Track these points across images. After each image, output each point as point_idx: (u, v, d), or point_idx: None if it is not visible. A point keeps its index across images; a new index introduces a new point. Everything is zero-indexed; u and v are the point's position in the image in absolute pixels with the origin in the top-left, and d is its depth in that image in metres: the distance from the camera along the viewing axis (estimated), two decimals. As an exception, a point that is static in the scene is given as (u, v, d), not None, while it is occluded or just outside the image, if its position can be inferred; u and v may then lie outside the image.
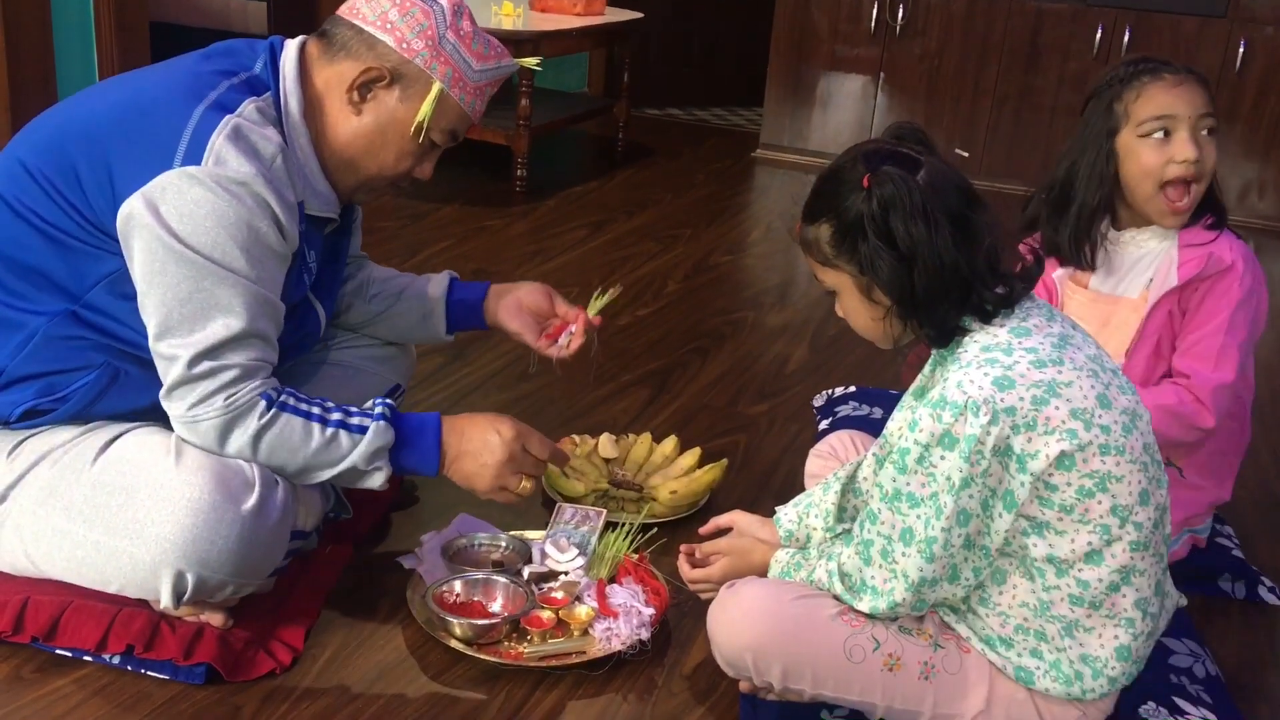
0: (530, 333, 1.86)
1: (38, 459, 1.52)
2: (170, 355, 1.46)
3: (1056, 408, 1.29)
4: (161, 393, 1.49)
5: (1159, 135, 1.80)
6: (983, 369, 1.30)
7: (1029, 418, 1.28)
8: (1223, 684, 1.65)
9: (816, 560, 1.49)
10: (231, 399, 1.48)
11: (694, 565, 1.65)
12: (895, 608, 1.39)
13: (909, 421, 1.34)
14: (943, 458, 1.30)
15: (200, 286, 1.44)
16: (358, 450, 1.53)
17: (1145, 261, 1.88)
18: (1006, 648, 1.41)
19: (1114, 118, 1.83)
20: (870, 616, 1.42)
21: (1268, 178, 4.44)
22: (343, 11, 1.60)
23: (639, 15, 4.72)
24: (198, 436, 1.49)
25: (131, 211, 1.43)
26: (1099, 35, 4.43)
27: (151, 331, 1.47)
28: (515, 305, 1.86)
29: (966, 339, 1.37)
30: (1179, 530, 1.92)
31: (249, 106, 1.50)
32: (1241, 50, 4.29)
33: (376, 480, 1.57)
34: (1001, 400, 1.28)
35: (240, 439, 1.49)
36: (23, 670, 1.50)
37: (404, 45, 1.55)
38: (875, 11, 4.70)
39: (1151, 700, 1.57)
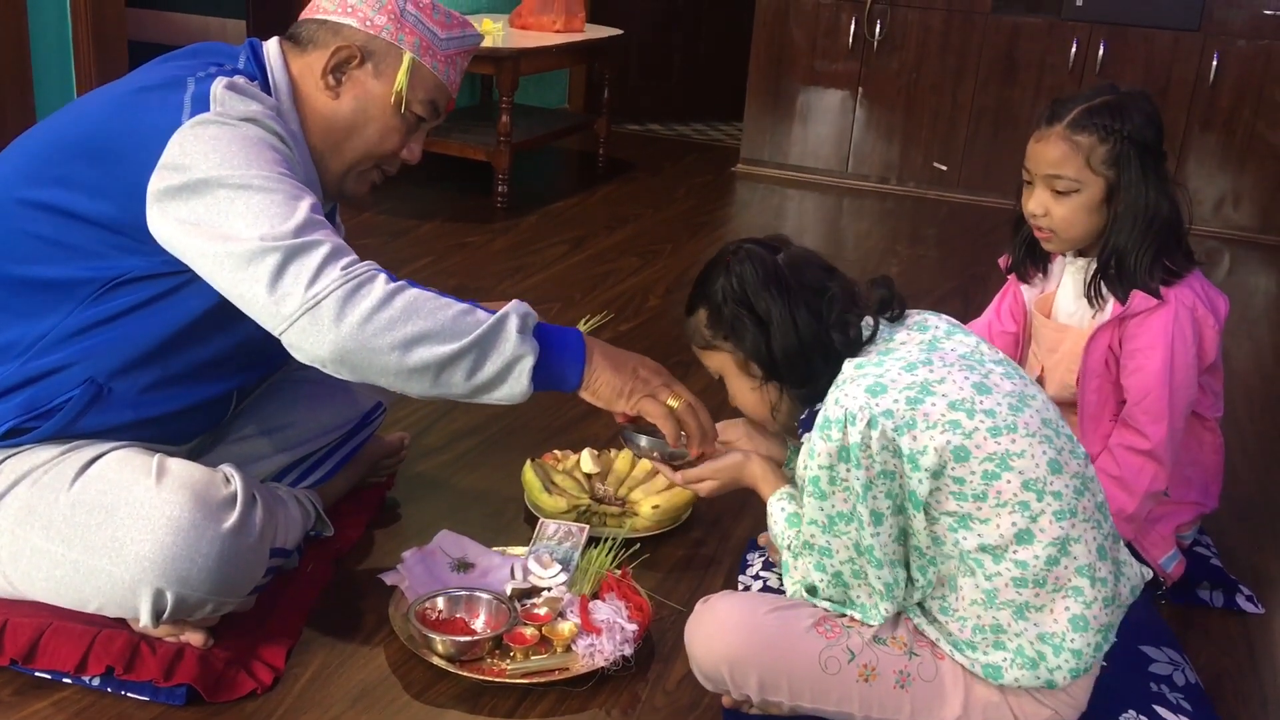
0: None
1: (17, 479, 1.51)
2: (251, 253, 1.36)
3: (934, 404, 1.33)
4: (263, 300, 1.37)
5: (1027, 182, 1.87)
6: (856, 383, 1.36)
7: (907, 417, 1.33)
8: (1203, 691, 1.66)
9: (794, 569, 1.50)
10: (348, 268, 1.39)
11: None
12: (885, 616, 1.43)
13: (808, 451, 1.40)
14: (848, 469, 1.35)
15: (252, 195, 1.40)
16: (507, 319, 1.44)
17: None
18: (972, 650, 1.43)
19: None
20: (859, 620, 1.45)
21: (1241, 189, 4.48)
22: (305, 13, 1.65)
23: (619, 32, 4.74)
24: (321, 321, 1.36)
25: (158, 183, 1.42)
26: (1074, 49, 4.48)
27: (222, 270, 1.39)
28: None
29: (844, 368, 1.42)
30: (1170, 545, 1.91)
31: (239, 79, 1.53)
32: (1215, 63, 4.34)
33: (522, 369, 1.44)
34: (877, 404, 1.33)
35: (367, 303, 1.37)
36: (1, 693, 1.49)
37: (368, 23, 1.59)
38: (853, 26, 4.74)
39: (1132, 709, 1.58)
